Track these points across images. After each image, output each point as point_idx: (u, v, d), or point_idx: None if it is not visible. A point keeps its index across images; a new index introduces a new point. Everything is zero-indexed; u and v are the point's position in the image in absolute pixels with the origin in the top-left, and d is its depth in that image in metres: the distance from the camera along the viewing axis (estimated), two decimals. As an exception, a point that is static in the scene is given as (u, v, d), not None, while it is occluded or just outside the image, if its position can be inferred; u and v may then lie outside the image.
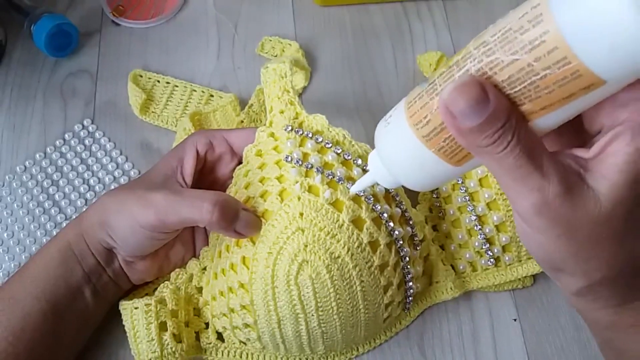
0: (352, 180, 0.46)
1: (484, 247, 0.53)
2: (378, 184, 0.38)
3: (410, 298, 0.51)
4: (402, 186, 0.35)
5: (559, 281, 0.34)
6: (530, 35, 0.26)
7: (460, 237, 0.54)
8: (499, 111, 0.27)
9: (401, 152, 0.33)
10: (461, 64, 0.29)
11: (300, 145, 0.47)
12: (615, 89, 0.27)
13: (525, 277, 0.54)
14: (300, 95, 0.66)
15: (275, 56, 0.68)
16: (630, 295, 0.33)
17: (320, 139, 0.48)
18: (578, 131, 0.31)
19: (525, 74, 0.27)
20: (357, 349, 0.53)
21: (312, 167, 0.46)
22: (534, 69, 0.26)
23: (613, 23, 0.24)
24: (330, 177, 0.46)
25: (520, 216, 0.31)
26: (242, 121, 0.62)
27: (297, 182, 0.45)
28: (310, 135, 0.48)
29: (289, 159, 0.46)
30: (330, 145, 0.48)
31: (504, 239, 0.52)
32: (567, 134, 0.32)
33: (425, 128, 0.31)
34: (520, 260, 0.53)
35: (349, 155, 0.48)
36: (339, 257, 0.44)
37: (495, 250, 0.53)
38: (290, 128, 0.48)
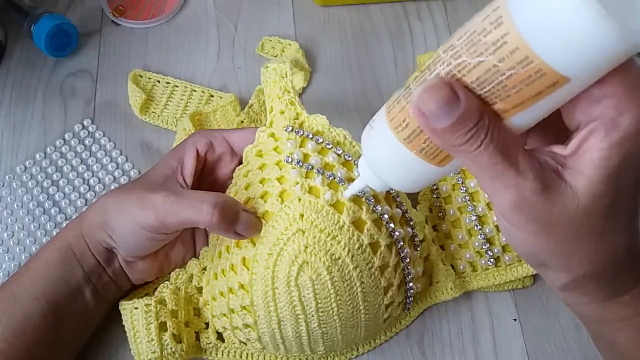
0: (352, 181, 0.46)
1: (484, 247, 0.53)
2: (369, 188, 0.39)
3: (410, 298, 0.51)
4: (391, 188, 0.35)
5: (545, 276, 0.34)
6: (492, 37, 0.27)
7: (460, 237, 0.54)
8: (470, 110, 0.28)
9: (385, 155, 0.33)
10: (432, 68, 0.29)
11: (300, 146, 0.47)
12: (583, 86, 0.28)
13: (525, 277, 0.54)
14: (300, 96, 0.66)
15: (275, 56, 0.68)
16: (616, 290, 0.34)
17: (320, 140, 0.48)
18: (561, 128, 0.31)
19: (492, 74, 0.27)
20: (357, 349, 0.53)
21: (312, 168, 0.46)
22: (499, 70, 0.27)
23: (567, 20, 0.25)
24: (330, 178, 0.46)
25: (500, 213, 0.31)
26: (242, 121, 0.62)
27: (297, 183, 0.45)
28: (310, 135, 0.48)
29: (290, 159, 0.46)
30: (331, 146, 0.48)
31: (504, 239, 0.52)
32: (552, 132, 0.32)
33: (405, 131, 0.31)
34: (520, 260, 0.53)
35: (349, 156, 0.48)
36: (339, 258, 0.44)
37: (496, 250, 0.53)
38: (290, 128, 0.48)
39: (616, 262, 0.32)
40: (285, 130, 0.48)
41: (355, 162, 0.48)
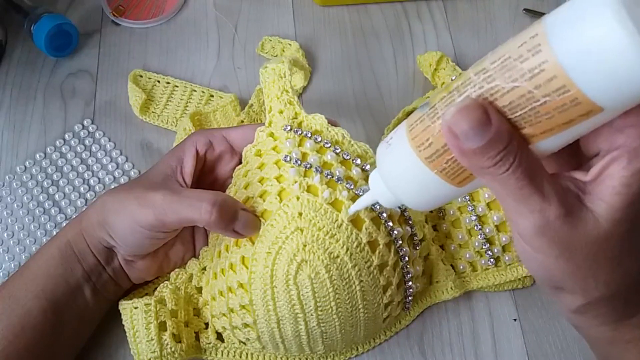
0: (350, 179, 0.46)
1: (484, 247, 0.53)
2: (377, 204, 0.39)
3: (409, 298, 0.51)
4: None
5: (558, 299, 0.35)
6: (529, 64, 0.27)
7: (460, 237, 0.54)
8: (501, 133, 0.28)
9: (404, 173, 0.34)
10: (461, 90, 0.30)
11: (299, 145, 0.47)
12: (613, 116, 0.28)
13: (525, 277, 0.54)
14: (300, 95, 0.66)
15: (275, 56, 0.68)
16: (628, 312, 0.34)
17: (319, 139, 0.48)
18: (575, 153, 0.32)
19: (525, 100, 0.28)
20: (357, 349, 0.52)
21: (311, 166, 0.46)
22: (534, 96, 0.27)
23: (610, 53, 0.25)
24: (329, 176, 0.46)
25: (520, 236, 0.32)
26: (242, 121, 0.62)
27: (296, 182, 0.45)
28: (309, 135, 0.48)
29: (288, 158, 0.46)
30: (329, 144, 0.48)
31: (504, 238, 0.53)
32: (564, 156, 0.33)
33: (428, 150, 0.32)
34: (520, 260, 0.53)
35: (347, 155, 0.48)
36: (337, 256, 0.44)
37: (496, 250, 0.53)
38: (289, 128, 0.48)
39: (631, 285, 0.33)
40: (284, 129, 0.48)
41: (354, 161, 0.48)
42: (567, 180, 0.31)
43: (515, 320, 0.54)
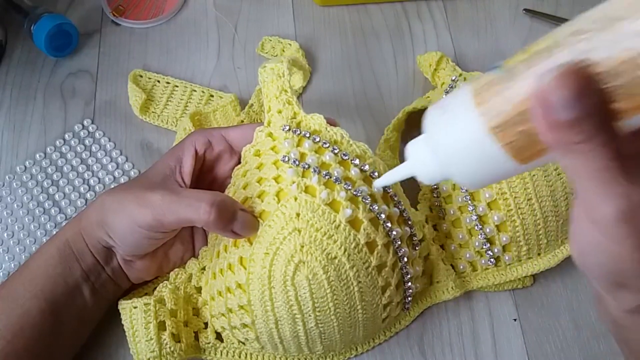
0: (349, 180, 0.46)
1: (484, 246, 0.53)
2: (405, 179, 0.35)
3: (409, 298, 0.50)
4: (430, 183, 0.33)
5: (613, 296, 0.32)
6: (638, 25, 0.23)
7: (460, 237, 0.54)
8: (599, 105, 0.25)
9: (461, 142, 0.29)
10: (553, 52, 0.26)
11: (297, 145, 0.47)
12: None
13: (525, 277, 0.54)
14: (300, 95, 0.66)
15: (275, 56, 0.68)
16: None
17: (317, 139, 0.48)
18: None
19: (630, 67, 0.24)
20: (356, 349, 0.52)
21: (309, 167, 0.46)
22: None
23: None
24: (327, 177, 0.46)
25: (596, 223, 0.28)
26: (242, 121, 0.62)
27: (294, 182, 0.45)
28: (307, 135, 0.48)
29: (286, 159, 0.46)
30: (328, 145, 0.48)
31: (504, 238, 0.52)
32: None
33: (497, 119, 0.28)
34: (520, 260, 0.53)
35: (346, 155, 0.47)
36: (335, 257, 0.44)
37: (496, 250, 0.53)
38: (287, 128, 0.48)
39: None
40: (283, 129, 0.48)
41: (352, 161, 0.47)
42: None
43: (515, 320, 0.54)
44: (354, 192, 0.46)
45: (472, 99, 0.29)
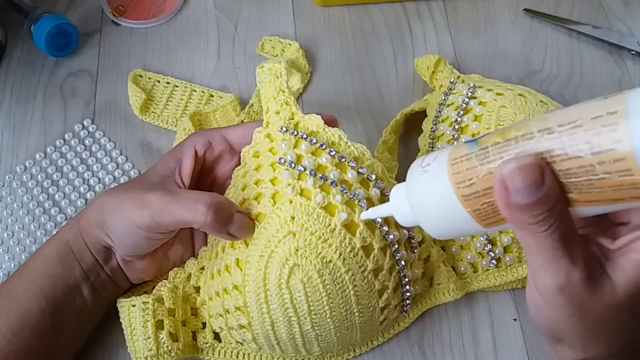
0: (345, 183, 0.46)
1: (486, 247, 0.53)
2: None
3: (407, 301, 0.50)
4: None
5: (553, 349, 0.36)
6: (600, 139, 0.27)
7: (462, 238, 0.54)
8: (550, 196, 0.29)
9: (434, 202, 0.34)
10: (520, 142, 0.30)
11: (294, 147, 0.47)
12: None
13: (525, 277, 0.54)
14: (300, 96, 0.66)
15: (275, 56, 0.68)
16: None
17: (314, 140, 0.47)
18: (601, 217, 0.33)
19: (584, 171, 0.28)
20: (355, 350, 0.52)
21: (305, 170, 0.45)
22: (594, 170, 0.27)
23: None
24: (322, 180, 0.45)
25: (538, 290, 0.33)
26: (242, 121, 0.62)
27: (289, 185, 0.45)
28: (304, 136, 0.47)
29: (282, 161, 0.46)
30: (325, 146, 0.47)
31: (505, 239, 0.52)
32: (590, 218, 0.34)
33: (467, 189, 0.32)
34: (521, 261, 0.53)
35: (343, 158, 0.47)
36: (330, 261, 0.44)
37: (497, 252, 0.53)
38: (285, 129, 0.48)
39: (627, 348, 0.34)
40: (280, 130, 0.48)
41: (349, 163, 0.47)
42: (594, 245, 0.33)
43: (515, 320, 0.54)
44: (350, 196, 0.45)
45: (448, 167, 0.33)
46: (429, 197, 0.34)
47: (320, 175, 0.45)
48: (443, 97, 0.59)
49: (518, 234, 0.32)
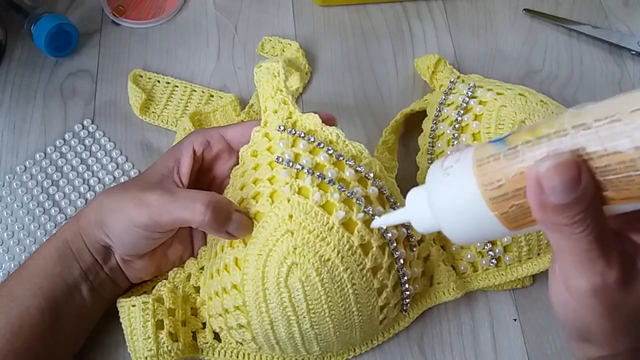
0: (343, 181, 0.46)
1: (486, 247, 0.53)
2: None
3: (407, 300, 0.50)
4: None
5: (578, 347, 0.35)
6: None
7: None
8: (587, 195, 0.28)
9: (459, 205, 0.32)
10: (553, 139, 0.28)
11: (292, 146, 0.47)
12: None
13: (525, 277, 0.54)
14: (300, 95, 0.66)
15: (275, 56, 0.68)
16: None
17: (312, 139, 0.47)
18: (631, 213, 0.32)
19: (624, 167, 0.27)
20: (354, 350, 0.52)
21: (302, 168, 0.45)
22: (635, 165, 0.26)
23: None
24: (320, 178, 0.45)
25: (570, 291, 0.32)
26: (242, 121, 0.62)
27: (287, 183, 0.45)
28: (302, 135, 0.47)
29: (280, 160, 0.46)
30: (323, 145, 0.47)
31: (505, 239, 0.52)
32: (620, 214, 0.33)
33: (495, 191, 0.30)
34: (521, 261, 0.53)
35: (341, 156, 0.47)
36: (328, 260, 0.44)
37: (497, 251, 0.53)
38: (282, 128, 0.48)
39: None
40: (278, 129, 0.48)
41: (347, 162, 0.47)
42: (627, 243, 0.32)
43: (515, 320, 0.54)
44: (348, 194, 0.45)
45: (474, 168, 0.31)
46: (453, 200, 0.32)
47: (318, 173, 0.45)
48: (443, 97, 0.59)
49: (550, 237, 0.31)
